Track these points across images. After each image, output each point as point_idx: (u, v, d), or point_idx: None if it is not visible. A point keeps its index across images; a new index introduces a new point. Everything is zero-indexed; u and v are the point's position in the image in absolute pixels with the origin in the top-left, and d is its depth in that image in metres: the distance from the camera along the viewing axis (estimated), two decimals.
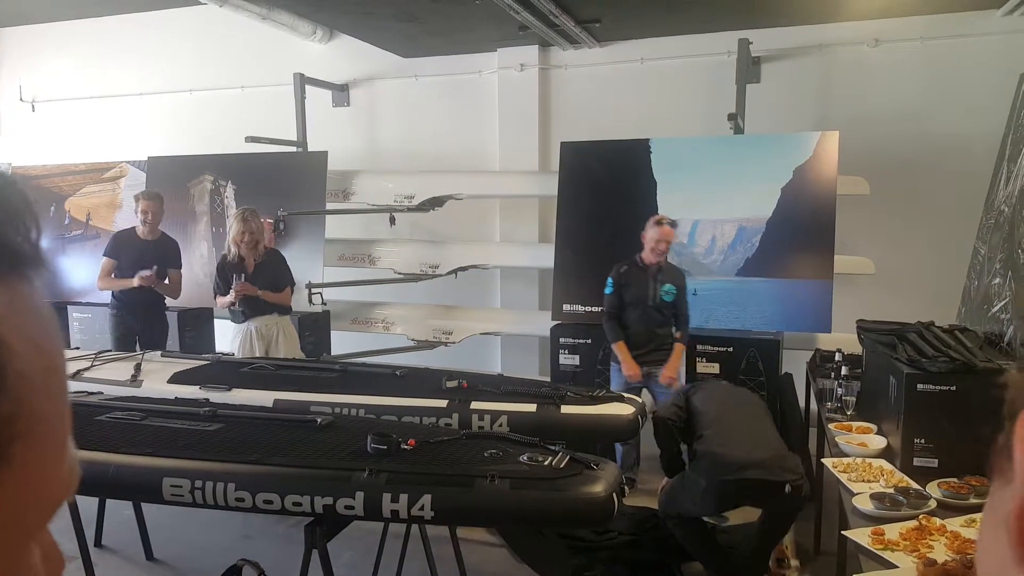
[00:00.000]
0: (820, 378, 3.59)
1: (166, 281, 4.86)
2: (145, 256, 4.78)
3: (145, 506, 3.54)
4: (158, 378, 3.66)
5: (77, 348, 4.86)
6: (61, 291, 6.35)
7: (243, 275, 4.36)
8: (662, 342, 4.13)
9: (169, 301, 5.03)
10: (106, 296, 5.03)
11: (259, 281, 4.37)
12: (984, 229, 3.82)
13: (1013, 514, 0.32)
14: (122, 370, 3.80)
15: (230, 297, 4.35)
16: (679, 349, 4.12)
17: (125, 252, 4.79)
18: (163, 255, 4.87)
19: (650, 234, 4.09)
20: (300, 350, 4.73)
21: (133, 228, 4.94)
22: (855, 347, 3.61)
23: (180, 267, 4.99)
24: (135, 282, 4.68)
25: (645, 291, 4.11)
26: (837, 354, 3.58)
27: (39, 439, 0.35)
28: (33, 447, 0.35)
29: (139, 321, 4.83)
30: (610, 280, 4.19)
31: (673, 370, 4.12)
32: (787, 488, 2.91)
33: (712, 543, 3.22)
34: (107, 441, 2.66)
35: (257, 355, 4.33)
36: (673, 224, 4.15)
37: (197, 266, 6.02)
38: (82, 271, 6.39)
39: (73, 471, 0.37)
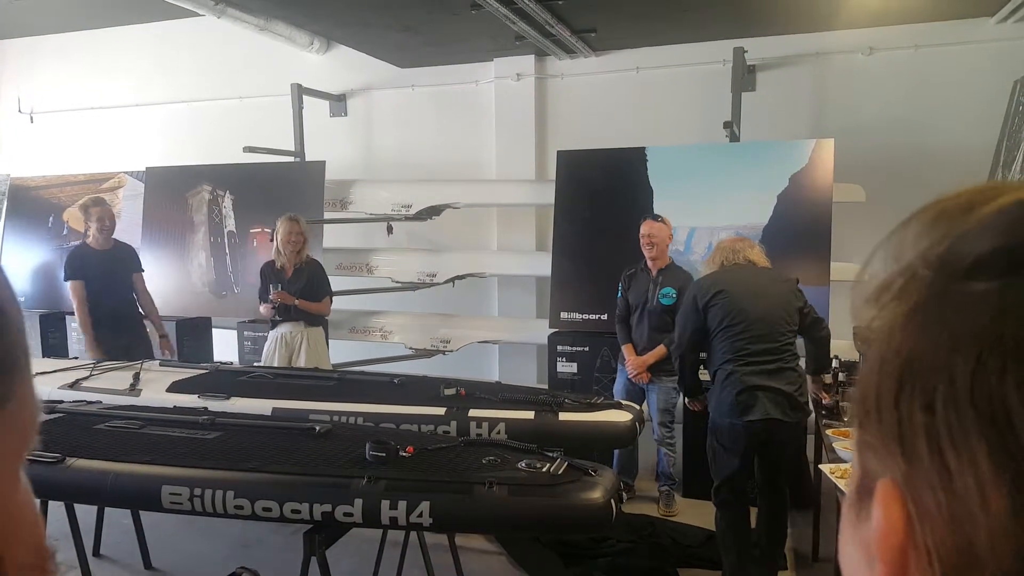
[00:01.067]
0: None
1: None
2: (113, 268, 4.68)
3: (144, 515, 3.53)
4: (157, 387, 3.66)
5: (75, 358, 4.85)
6: (60, 301, 6.35)
7: (280, 282, 4.39)
8: None
9: (152, 310, 4.98)
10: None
11: (292, 288, 4.39)
12: None
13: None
14: (121, 379, 3.80)
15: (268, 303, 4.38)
16: (660, 349, 4.04)
17: (88, 269, 4.66)
18: (126, 263, 4.81)
19: (641, 231, 4.12)
20: (328, 361, 4.65)
21: (84, 243, 4.81)
22: (852, 354, 3.62)
23: (143, 270, 4.92)
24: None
25: (645, 294, 4.12)
26: (834, 360, 3.59)
27: (27, 372, 0.38)
28: (25, 380, 0.38)
29: (120, 338, 4.68)
30: (620, 284, 4.25)
31: (640, 364, 4.08)
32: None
33: (746, 533, 3.17)
34: (106, 449, 2.66)
35: (277, 363, 4.35)
36: (657, 218, 4.12)
37: (195, 276, 6.02)
38: None
39: (40, 402, 0.40)
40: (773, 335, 3.04)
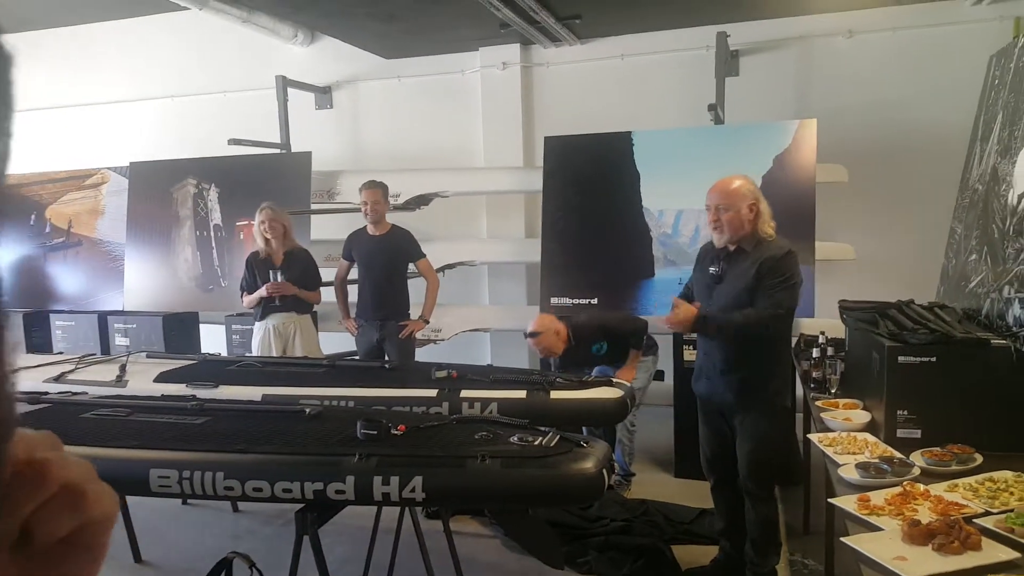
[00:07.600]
0: (804, 361, 3.62)
1: None
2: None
3: (132, 508, 3.50)
4: (144, 378, 3.63)
5: (60, 352, 4.82)
6: (43, 299, 6.29)
7: (270, 270, 4.41)
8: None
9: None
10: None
11: (286, 277, 4.42)
12: (960, 209, 3.88)
13: None
14: (107, 372, 3.77)
15: (260, 293, 4.36)
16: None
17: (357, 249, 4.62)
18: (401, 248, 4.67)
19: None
20: (319, 348, 4.65)
21: (364, 228, 4.65)
22: (838, 332, 3.65)
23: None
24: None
25: None
26: (820, 336, 3.61)
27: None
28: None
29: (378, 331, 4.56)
30: None
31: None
32: None
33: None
34: (92, 436, 2.63)
35: (274, 353, 4.34)
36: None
37: (181, 271, 5.98)
38: (64, 279, 6.34)
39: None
40: None
